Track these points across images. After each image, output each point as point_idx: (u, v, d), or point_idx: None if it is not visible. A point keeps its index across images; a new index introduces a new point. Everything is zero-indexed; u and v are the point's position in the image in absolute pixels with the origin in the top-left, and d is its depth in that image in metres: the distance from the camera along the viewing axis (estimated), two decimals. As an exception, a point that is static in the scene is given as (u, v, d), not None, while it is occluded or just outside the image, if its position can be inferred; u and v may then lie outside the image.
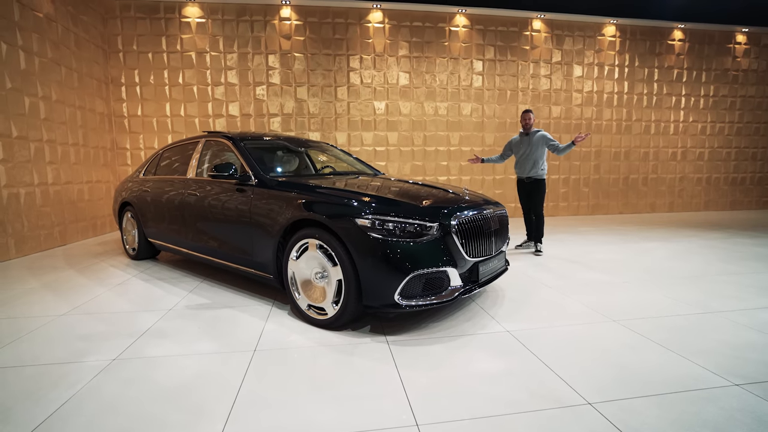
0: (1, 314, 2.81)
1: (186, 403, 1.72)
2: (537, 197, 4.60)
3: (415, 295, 2.29)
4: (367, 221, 2.27)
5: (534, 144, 4.51)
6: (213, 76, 6.86)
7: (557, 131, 7.94)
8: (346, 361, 2.09)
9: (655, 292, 3.19)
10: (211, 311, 2.84)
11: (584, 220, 7.60)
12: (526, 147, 4.56)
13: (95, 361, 2.12)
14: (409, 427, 1.55)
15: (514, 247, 4.89)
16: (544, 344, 2.25)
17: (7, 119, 4.49)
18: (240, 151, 3.27)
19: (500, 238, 2.83)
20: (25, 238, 4.69)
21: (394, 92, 7.38)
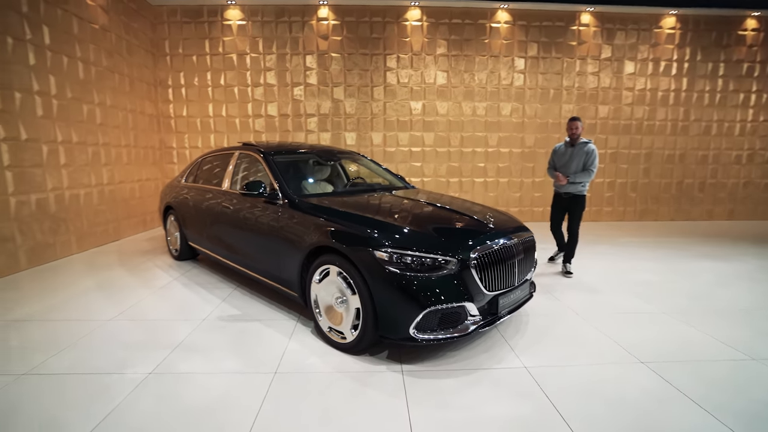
0: (61, 316, 3.12)
1: (207, 428, 1.86)
2: (574, 215, 4.28)
3: (431, 328, 2.30)
4: (385, 255, 2.29)
5: (578, 156, 4.15)
6: (253, 77, 7.06)
7: (604, 132, 7.49)
8: (359, 391, 2.16)
9: (696, 327, 2.99)
10: (239, 324, 3.00)
11: (629, 227, 7.18)
12: (570, 159, 4.19)
13: (133, 374, 2.32)
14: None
15: (546, 261, 4.73)
16: (560, 386, 2.20)
17: (68, 126, 4.89)
18: (270, 167, 3.37)
19: (525, 266, 2.75)
20: (84, 234, 5.14)
21: (431, 92, 7.25)
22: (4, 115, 4.06)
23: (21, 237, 4.23)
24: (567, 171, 4.21)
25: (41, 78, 4.50)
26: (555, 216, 4.52)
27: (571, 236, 4.30)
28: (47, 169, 4.57)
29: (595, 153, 4.12)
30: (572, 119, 4.22)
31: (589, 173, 4.11)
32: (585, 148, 4.14)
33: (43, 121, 4.53)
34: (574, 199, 4.27)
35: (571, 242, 4.32)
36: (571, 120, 4.22)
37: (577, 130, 4.17)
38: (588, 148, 4.14)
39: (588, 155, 4.11)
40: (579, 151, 4.16)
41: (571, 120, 4.22)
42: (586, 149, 4.13)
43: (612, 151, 7.53)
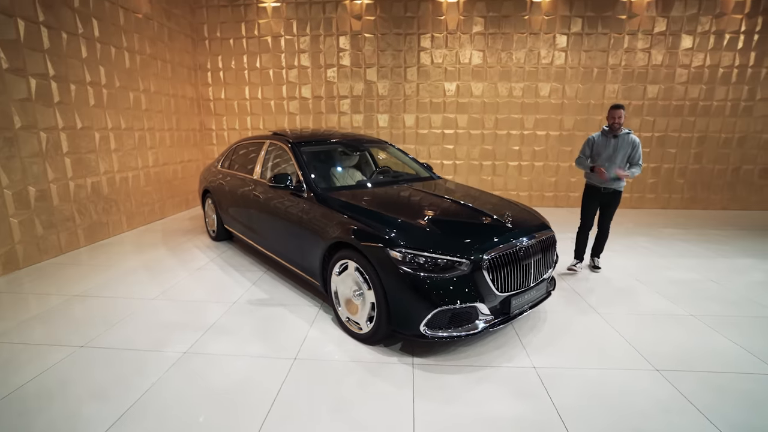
0: (111, 293, 3.48)
1: (229, 408, 2.07)
2: (609, 211, 4.02)
3: (442, 326, 2.37)
4: (399, 254, 2.37)
5: (624, 149, 3.79)
6: (287, 59, 7.15)
7: (651, 114, 6.98)
8: (370, 382, 2.30)
9: (726, 334, 2.87)
10: (266, 308, 3.22)
11: (674, 216, 6.77)
12: (614, 152, 3.81)
13: (171, 352, 2.59)
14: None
15: (566, 269, 4.15)
16: (567, 390, 2.23)
17: (117, 114, 5.24)
18: (297, 158, 3.49)
19: (542, 266, 2.74)
20: (133, 214, 5.58)
21: (465, 72, 7.03)
22: (62, 107, 4.42)
23: (79, 217, 4.68)
24: (611, 165, 3.82)
25: (92, 69, 4.82)
26: (589, 211, 4.10)
27: (602, 232, 4.11)
28: (99, 154, 4.97)
29: (640, 144, 3.84)
30: (615, 107, 3.76)
31: (638, 168, 3.84)
32: (630, 140, 3.79)
33: (95, 109, 4.88)
34: (614, 196, 3.96)
35: (601, 237, 4.13)
36: (614, 108, 3.76)
37: (621, 119, 3.74)
38: (633, 139, 3.80)
39: (634, 148, 3.80)
40: (623, 143, 3.79)
41: (614, 108, 3.76)
42: (632, 141, 3.79)
43: (659, 135, 7.03)
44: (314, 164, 3.66)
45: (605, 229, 4.09)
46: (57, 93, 4.35)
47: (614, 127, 3.79)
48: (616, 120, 3.75)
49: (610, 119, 3.80)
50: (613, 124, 3.78)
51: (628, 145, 3.80)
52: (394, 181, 3.70)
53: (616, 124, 3.77)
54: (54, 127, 4.33)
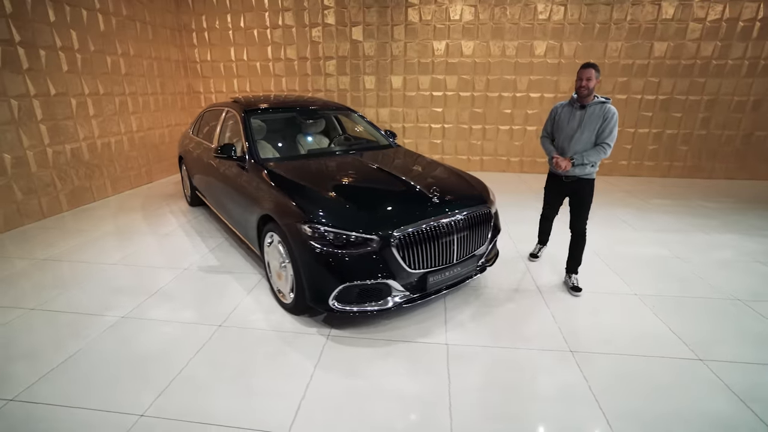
0: (76, 257, 3.69)
1: (144, 372, 2.22)
2: (580, 207, 3.04)
3: (352, 301, 2.42)
4: (309, 229, 2.39)
5: (592, 123, 2.83)
6: (271, 18, 6.91)
7: (657, 74, 6.46)
8: (280, 351, 2.40)
9: (662, 316, 2.81)
10: (213, 276, 3.35)
11: (671, 186, 6.43)
12: (579, 127, 2.88)
13: (111, 316, 2.76)
14: None
15: (528, 257, 3.67)
16: (469, 369, 2.27)
17: (94, 79, 5.28)
18: (244, 127, 3.48)
19: (470, 242, 2.70)
20: (118, 178, 5.77)
21: (456, 30, 6.63)
22: (32, 73, 4.48)
23: (60, 182, 4.88)
24: (574, 145, 2.91)
25: (63, 34, 4.82)
26: (550, 204, 3.34)
27: (576, 236, 3.14)
28: (78, 121, 5.07)
29: (615, 119, 2.80)
30: (586, 66, 2.79)
31: (602, 150, 2.82)
32: (602, 111, 2.80)
33: (69, 75, 4.93)
34: (580, 185, 3.00)
35: (575, 245, 3.15)
36: (585, 67, 2.79)
37: (590, 82, 2.76)
38: (607, 110, 2.80)
39: (606, 121, 2.79)
40: (593, 115, 2.83)
41: (584, 67, 2.79)
42: (605, 112, 2.80)
43: (664, 98, 6.54)
44: (267, 133, 3.65)
45: (579, 232, 3.11)
46: (25, 59, 4.40)
47: (581, 93, 2.82)
48: (584, 83, 2.77)
49: (576, 81, 2.85)
50: (580, 88, 2.81)
51: (598, 117, 2.81)
52: (346, 150, 3.65)
53: (583, 88, 2.79)
54: (25, 95, 4.42)
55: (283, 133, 3.79)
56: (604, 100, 2.86)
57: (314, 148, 3.75)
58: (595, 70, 2.80)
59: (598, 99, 2.87)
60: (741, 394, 2.08)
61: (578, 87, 2.85)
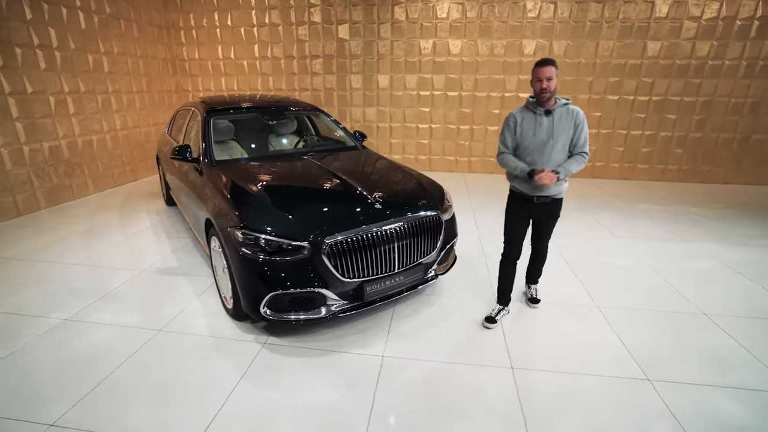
0: (40, 257, 3.69)
1: (68, 378, 2.19)
2: (547, 227, 2.72)
3: (284, 309, 2.36)
4: (240, 235, 2.33)
5: (561, 129, 2.38)
6: (258, 16, 6.87)
7: (650, 75, 6.24)
8: (211, 359, 2.35)
9: (619, 331, 2.68)
10: (168, 278, 3.32)
11: (663, 190, 6.21)
12: (546, 134, 2.40)
13: (54, 318, 2.74)
14: (183, 451, 1.77)
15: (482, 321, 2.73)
16: (397, 383, 2.19)
17: (74, 77, 5.30)
18: (203, 127, 3.44)
19: (415, 250, 2.60)
20: (100, 176, 5.80)
21: (443, 29, 6.50)
22: (6, 71, 4.51)
23: (38, 180, 4.91)
24: (548, 158, 2.42)
25: (40, 31, 4.84)
26: (516, 232, 2.70)
27: (537, 253, 2.88)
28: (57, 119, 5.10)
29: (586, 122, 2.43)
30: (542, 63, 2.31)
31: (582, 160, 2.45)
32: (572, 116, 2.39)
33: (48, 73, 4.95)
34: (551, 207, 2.59)
35: (536, 260, 2.92)
36: (540, 64, 2.31)
37: (551, 82, 2.30)
38: (576, 114, 2.40)
39: (579, 127, 2.40)
40: (562, 120, 2.38)
41: (539, 65, 2.31)
42: (574, 117, 2.39)
43: (658, 99, 6.32)
44: (229, 134, 3.61)
45: (542, 249, 2.85)
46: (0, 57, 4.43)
47: (542, 97, 2.34)
48: (544, 84, 2.30)
49: (535, 83, 2.35)
50: (541, 92, 2.32)
51: (569, 122, 2.38)
52: (305, 152, 3.57)
53: (544, 91, 2.31)
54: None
55: (245, 134, 3.74)
56: (566, 102, 2.44)
57: (274, 149, 3.70)
58: (556, 68, 2.33)
59: (560, 101, 2.43)
60: (682, 419, 1.96)
61: (538, 90, 2.33)
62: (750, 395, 2.12)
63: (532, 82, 2.39)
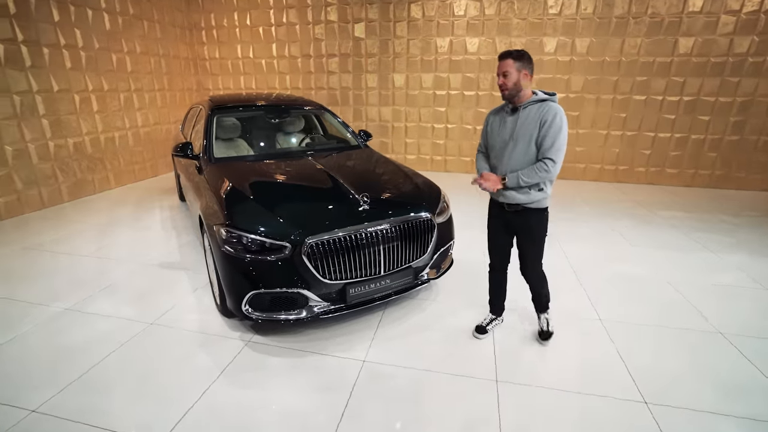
0: (56, 248, 3.86)
1: (57, 366, 2.26)
2: (529, 244, 2.32)
3: (266, 308, 2.34)
4: (224, 233, 2.33)
5: (523, 129, 2.08)
6: (276, 15, 6.95)
7: (681, 74, 5.85)
8: (195, 354, 2.37)
9: (621, 347, 2.51)
10: (168, 272, 3.39)
11: (691, 197, 5.82)
12: (507, 135, 2.14)
13: (55, 307, 2.85)
14: (149, 447, 1.78)
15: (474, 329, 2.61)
16: (374, 390, 2.13)
17: (98, 76, 5.53)
18: (206, 125, 3.49)
19: (403, 253, 2.53)
20: (121, 172, 6.03)
21: (460, 27, 6.35)
22: (34, 70, 4.75)
23: (62, 175, 5.15)
24: (507, 162, 2.16)
25: (67, 32, 5.07)
26: (496, 241, 2.46)
27: (534, 281, 2.44)
28: (81, 116, 5.33)
29: (559, 122, 2.01)
30: (501, 55, 2.08)
31: (542, 169, 2.05)
32: (540, 113, 2.03)
33: (73, 72, 5.19)
34: (525, 217, 2.24)
35: (533, 287, 2.47)
36: (500, 57, 2.08)
37: (508, 78, 2.04)
38: (546, 111, 2.02)
39: (544, 126, 2.01)
40: (528, 119, 2.07)
41: (499, 57, 2.09)
42: (544, 114, 2.02)
43: (690, 99, 5.92)
44: (232, 131, 3.64)
45: (535, 276, 2.41)
46: (28, 57, 4.66)
47: (502, 93, 2.11)
48: (500, 80, 2.08)
49: (500, 78, 2.09)
50: (505, 86, 2.07)
51: (533, 122, 2.04)
52: (305, 151, 3.55)
53: (501, 87, 2.09)
54: (28, 91, 4.68)
55: (248, 133, 3.77)
56: (545, 97, 2.08)
57: (275, 148, 3.70)
58: (518, 60, 2.03)
59: (536, 96, 2.10)
60: (676, 447, 1.80)
61: (503, 85, 2.08)
62: (760, 428, 1.92)
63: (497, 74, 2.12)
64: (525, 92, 2.10)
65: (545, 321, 2.56)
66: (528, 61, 2.08)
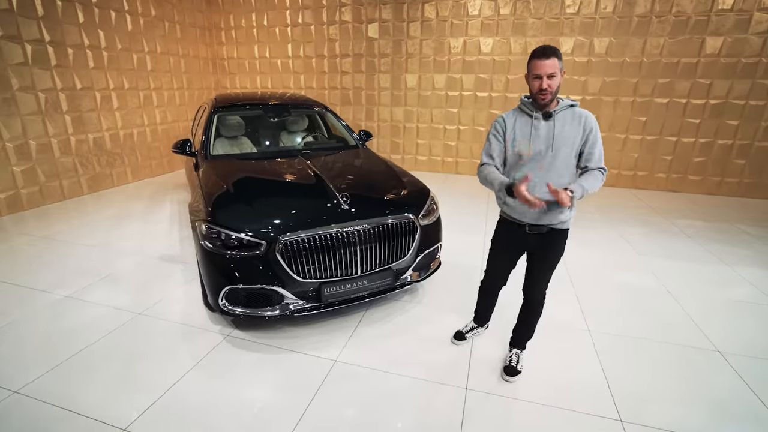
0: (66, 237, 4.06)
1: (45, 350, 2.38)
2: (544, 267, 2.10)
3: (242, 304, 2.38)
4: (204, 228, 2.38)
5: (563, 137, 1.87)
6: (291, 16, 7.05)
7: (708, 75, 5.53)
8: (172, 346, 2.44)
9: (605, 364, 2.41)
10: (166, 265, 3.50)
11: (715, 204, 5.50)
12: (544, 144, 1.89)
13: (57, 294, 3.00)
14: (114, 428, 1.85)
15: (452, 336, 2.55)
16: (340, 391, 2.12)
17: (120, 75, 5.78)
18: (207, 124, 3.59)
19: (382, 254, 2.51)
20: (139, 167, 6.28)
21: (474, 27, 6.25)
22: (60, 69, 5.01)
23: (82, 168, 5.42)
24: (545, 173, 1.90)
25: (90, 33, 5.32)
26: (498, 270, 2.27)
27: (530, 304, 2.23)
28: (101, 113, 5.59)
29: (598, 128, 1.89)
30: (544, 53, 1.78)
31: (601, 179, 1.88)
32: (579, 120, 1.86)
33: (95, 71, 5.44)
34: (550, 240, 2.02)
35: (528, 314, 2.26)
36: (540, 55, 1.79)
37: (554, 80, 1.78)
38: (585, 118, 1.86)
39: (589, 135, 1.86)
40: (565, 126, 1.86)
41: (538, 56, 1.79)
42: (583, 122, 1.86)
43: (717, 102, 5.60)
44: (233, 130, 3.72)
45: (533, 300, 2.20)
46: (54, 57, 4.92)
47: (542, 99, 1.83)
48: (545, 83, 1.78)
49: (532, 80, 1.83)
50: (541, 92, 1.81)
51: (577, 128, 1.86)
52: (302, 150, 3.58)
53: (544, 92, 1.80)
54: (52, 88, 4.95)
55: (247, 131, 3.83)
56: (572, 103, 1.90)
57: (271, 147, 3.76)
58: (560, 60, 1.79)
59: (564, 101, 1.89)
60: (645, 470, 1.70)
61: (537, 89, 1.81)
62: (742, 453, 1.79)
63: (527, 78, 1.87)
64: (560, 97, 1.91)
65: (516, 356, 2.28)
66: (562, 61, 1.84)
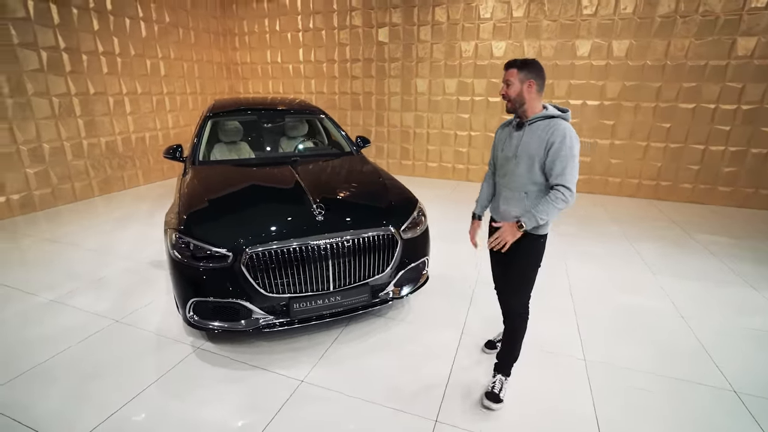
0: (70, 239, 4.13)
1: (15, 356, 2.37)
2: (516, 274, 2.03)
3: (209, 317, 2.30)
4: (174, 238, 2.32)
5: (526, 149, 1.86)
6: (303, 21, 7.05)
7: (739, 79, 5.11)
8: (141, 357, 2.39)
9: (597, 397, 2.18)
10: (155, 271, 3.48)
11: (746, 218, 5.06)
12: (511, 153, 1.92)
13: (42, 297, 3.02)
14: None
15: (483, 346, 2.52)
16: (300, 414, 2.00)
17: (133, 80, 5.92)
18: (199, 129, 3.56)
19: (358, 268, 2.38)
20: (150, 170, 6.40)
21: (486, 30, 6.05)
22: (74, 75, 5.16)
23: (93, 171, 5.56)
24: (508, 183, 1.96)
25: (105, 40, 5.47)
26: (494, 270, 2.25)
27: (510, 318, 2.09)
28: (114, 117, 5.73)
29: (569, 144, 1.75)
30: (507, 65, 1.88)
31: (559, 200, 1.77)
32: (546, 133, 1.79)
33: (109, 77, 5.58)
34: (521, 244, 1.90)
35: (511, 333, 2.11)
36: (506, 67, 1.89)
37: (510, 88, 1.84)
38: (554, 129, 1.78)
39: (554, 151, 1.77)
40: (533, 137, 1.84)
41: (507, 65, 1.88)
42: (551, 134, 1.77)
43: (749, 108, 5.17)
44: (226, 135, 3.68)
45: (513, 313, 2.07)
46: (68, 63, 5.08)
47: (506, 106, 1.93)
48: (502, 89, 1.88)
49: (504, 89, 1.88)
50: (503, 97, 1.90)
51: (541, 140, 1.80)
52: (291, 156, 3.51)
53: (506, 98, 1.88)
54: (66, 93, 5.10)
55: (239, 137, 3.78)
56: (554, 114, 1.83)
57: (260, 153, 3.68)
58: (522, 70, 1.82)
59: (545, 112, 1.84)
60: None
61: (507, 95, 1.88)
62: None
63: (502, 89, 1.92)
64: (532, 106, 1.86)
65: (500, 383, 2.11)
66: (536, 72, 1.84)
